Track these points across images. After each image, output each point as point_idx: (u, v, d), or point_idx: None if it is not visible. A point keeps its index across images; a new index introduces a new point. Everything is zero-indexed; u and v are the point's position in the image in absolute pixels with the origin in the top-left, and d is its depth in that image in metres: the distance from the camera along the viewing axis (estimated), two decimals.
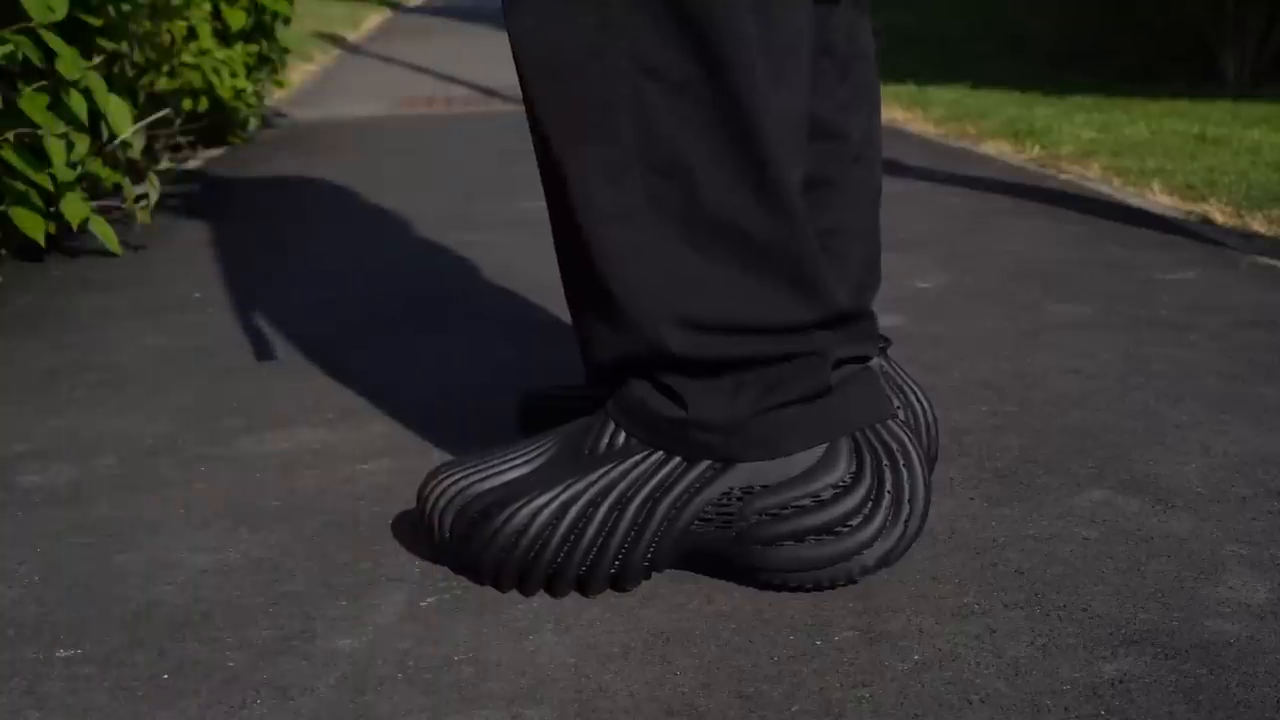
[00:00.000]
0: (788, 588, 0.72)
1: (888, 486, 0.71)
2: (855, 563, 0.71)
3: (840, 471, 0.71)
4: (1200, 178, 2.07)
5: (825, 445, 0.71)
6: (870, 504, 0.71)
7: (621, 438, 0.73)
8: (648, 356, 0.71)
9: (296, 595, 0.73)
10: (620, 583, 0.72)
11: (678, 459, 0.72)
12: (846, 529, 0.70)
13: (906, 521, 0.71)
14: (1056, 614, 0.69)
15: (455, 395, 1.08)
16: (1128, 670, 0.63)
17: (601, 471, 0.72)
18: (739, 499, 0.71)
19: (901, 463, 0.72)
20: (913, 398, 0.84)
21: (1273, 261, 1.52)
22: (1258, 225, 1.73)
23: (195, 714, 0.61)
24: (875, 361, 0.81)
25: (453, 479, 0.74)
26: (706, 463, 0.71)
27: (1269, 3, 3.47)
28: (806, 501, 0.70)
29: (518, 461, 0.74)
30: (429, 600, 0.72)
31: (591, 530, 0.71)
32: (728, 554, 0.72)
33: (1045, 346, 1.18)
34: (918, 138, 2.82)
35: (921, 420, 0.84)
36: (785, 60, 0.68)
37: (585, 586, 0.72)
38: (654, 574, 0.74)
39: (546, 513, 0.71)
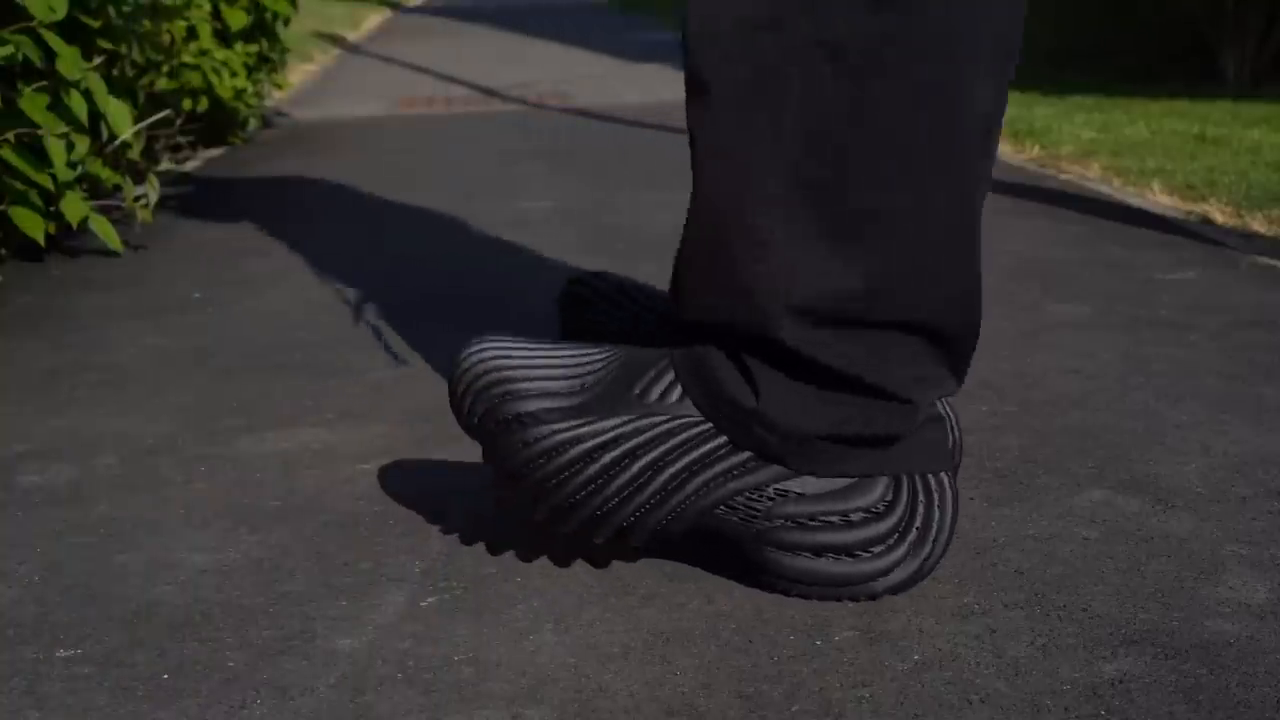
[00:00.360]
0: (788, 593, 0.71)
1: (917, 523, 0.71)
2: (864, 588, 0.70)
3: (875, 497, 0.70)
4: (1200, 178, 2.07)
5: None
6: (896, 536, 0.70)
7: (676, 393, 0.71)
8: (747, 335, 0.69)
9: (296, 595, 0.73)
10: (627, 536, 0.71)
11: (724, 438, 0.70)
12: (867, 554, 0.70)
13: (925, 559, 0.71)
14: (1056, 614, 0.69)
15: None
16: (1128, 670, 0.63)
17: (650, 422, 0.70)
18: (770, 499, 0.70)
19: (936, 502, 0.71)
20: (941, 407, 0.83)
21: (1273, 261, 1.52)
22: (1258, 225, 1.73)
23: (195, 714, 0.61)
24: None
25: (496, 359, 0.71)
26: (750, 452, 0.70)
27: (1269, 2, 3.47)
28: (835, 519, 0.70)
29: (570, 367, 0.72)
30: (429, 600, 0.72)
31: (621, 480, 0.69)
32: (741, 546, 0.71)
33: (1045, 346, 1.18)
34: None
35: (948, 428, 0.83)
36: (998, 47, 0.65)
37: (593, 528, 0.71)
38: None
39: (583, 447, 0.69)
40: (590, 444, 0.69)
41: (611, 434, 0.69)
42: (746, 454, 0.70)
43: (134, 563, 0.78)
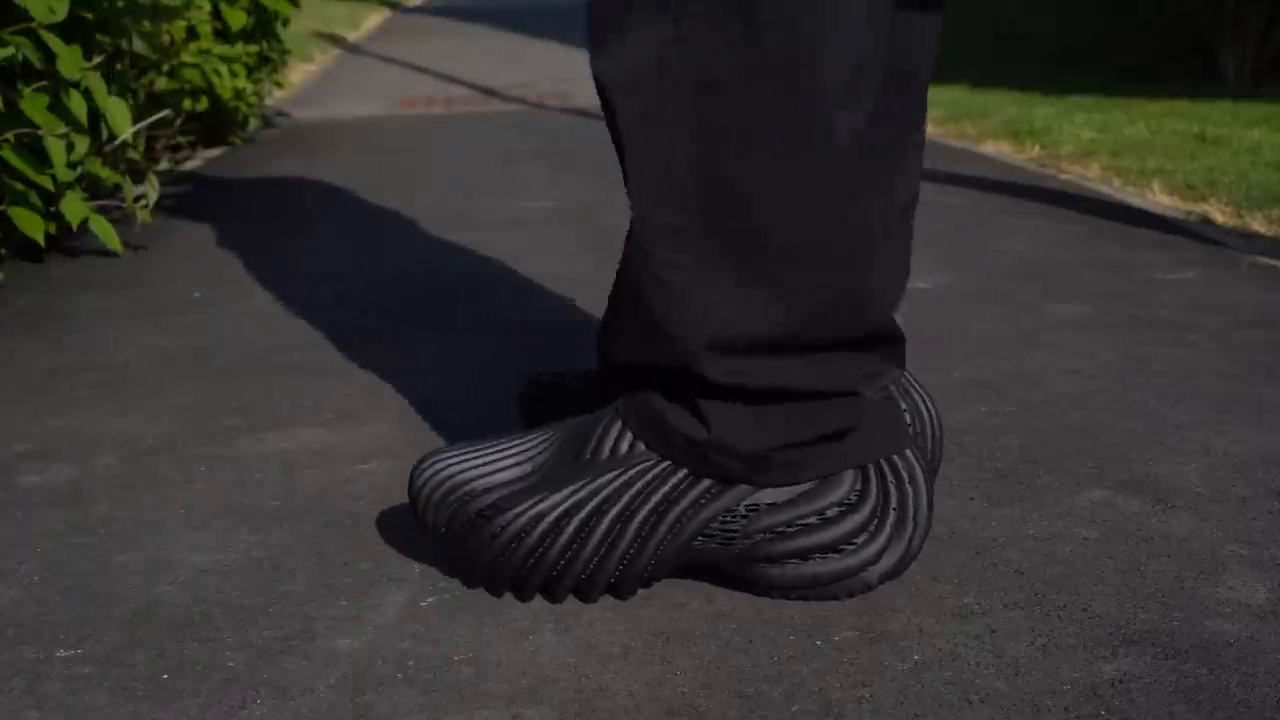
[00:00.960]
0: (788, 599, 0.71)
1: (893, 504, 0.71)
2: (858, 580, 0.70)
3: (845, 489, 0.71)
4: (1200, 178, 2.07)
5: None
6: (875, 521, 0.71)
7: (627, 441, 0.72)
8: (678, 375, 0.70)
9: (296, 595, 0.73)
10: (617, 592, 0.72)
11: (684, 471, 0.71)
12: (851, 546, 0.70)
13: (910, 540, 0.71)
14: (1056, 614, 0.69)
15: (455, 395, 1.08)
16: (1128, 670, 0.63)
17: (607, 479, 0.71)
18: (743, 516, 0.70)
19: (907, 480, 0.72)
20: (919, 401, 0.84)
21: (1273, 261, 1.52)
22: (1258, 225, 1.73)
23: (195, 714, 0.61)
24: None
25: (447, 469, 0.73)
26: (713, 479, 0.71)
27: (1269, 2, 3.47)
28: (812, 519, 0.70)
29: (515, 456, 0.73)
30: (429, 600, 0.72)
31: (594, 540, 0.70)
32: (729, 569, 0.72)
33: (1045, 346, 1.18)
34: None
35: (928, 425, 0.84)
36: (859, 75, 0.66)
37: (582, 594, 0.72)
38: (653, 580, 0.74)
39: (548, 520, 0.70)
40: (554, 515, 0.70)
41: (571, 500, 0.70)
42: (708, 481, 0.71)
43: (134, 563, 0.78)
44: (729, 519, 0.70)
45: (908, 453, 0.73)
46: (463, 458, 0.74)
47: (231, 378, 1.14)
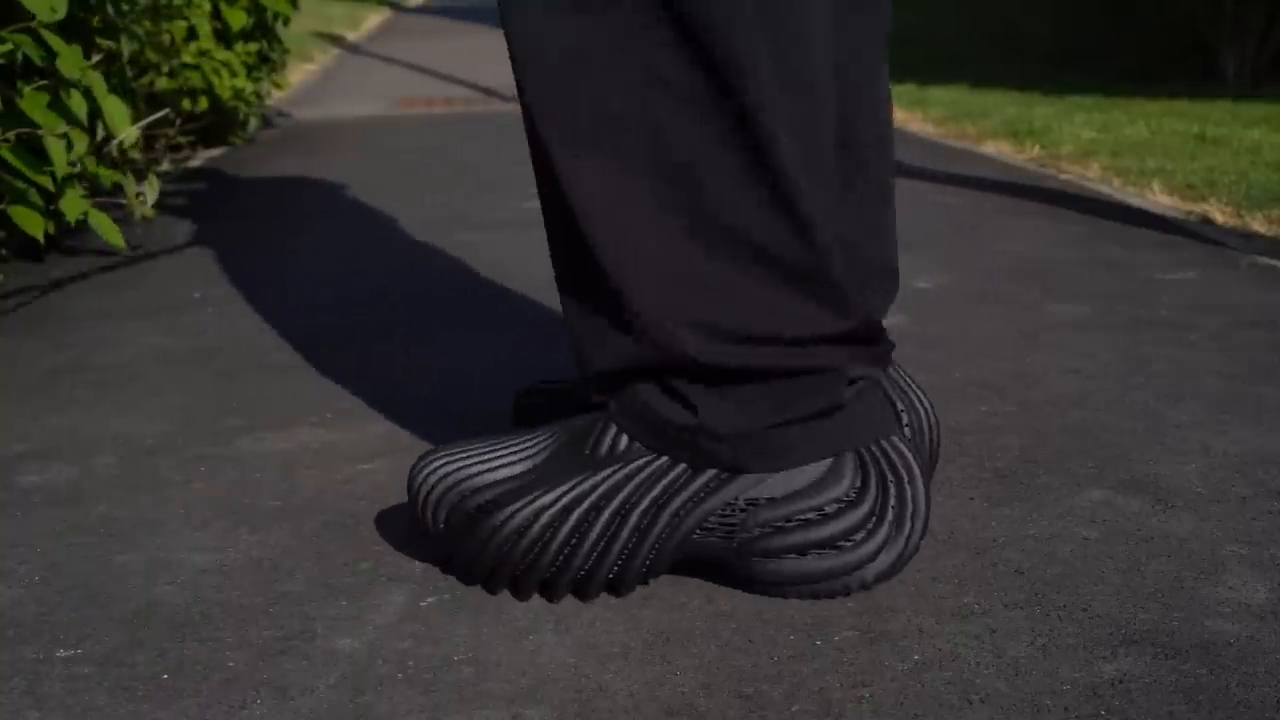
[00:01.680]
0: (785, 596, 0.72)
1: (891, 502, 0.71)
2: (856, 577, 0.70)
3: (845, 486, 0.71)
4: (1200, 178, 2.07)
5: (831, 459, 0.71)
6: (874, 519, 0.71)
7: (624, 441, 0.72)
8: (659, 362, 0.70)
9: (296, 595, 0.73)
10: (616, 588, 0.72)
11: (682, 465, 0.71)
12: (849, 543, 0.70)
13: (908, 538, 0.71)
14: (1056, 614, 0.69)
15: (455, 395, 1.08)
16: (1128, 670, 0.63)
17: (605, 475, 0.71)
18: (742, 510, 0.70)
19: (906, 479, 0.72)
20: (915, 400, 0.84)
21: (1273, 261, 1.52)
22: (1258, 225, 1.73)
23: (195, 714, 0.61)
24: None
25: (446, 467, 0.73)
26: (712, 471, 0.71)
27: (1269, 2, 3.47)
28: (810, 515, 0.70)
29: (515, 454, 0.74)
30: (429, 600, 0.72)
31: (593, 536, 0.70)
32: (727, 563, 0.72)
33: (1045, 346, 1.18)
34: (917, 138, 2.82)
35: (924, 423, 0.84)
36: (798, 71, 0.67)
37: (580, 591, 0.72)
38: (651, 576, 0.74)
39: (548, 515, 0.70)
40: (553, 511, 0.70)
41: (570, 496, 0.70)
42: (708, 474, 0.71)
43: (134, 563, 0.78)
44: (728, 513, 0.70)
45: (906, 452, 0.73)
46: (462, 456, 0.74)
47: (231, 378, 1.14)
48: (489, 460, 0.73)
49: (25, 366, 1.19)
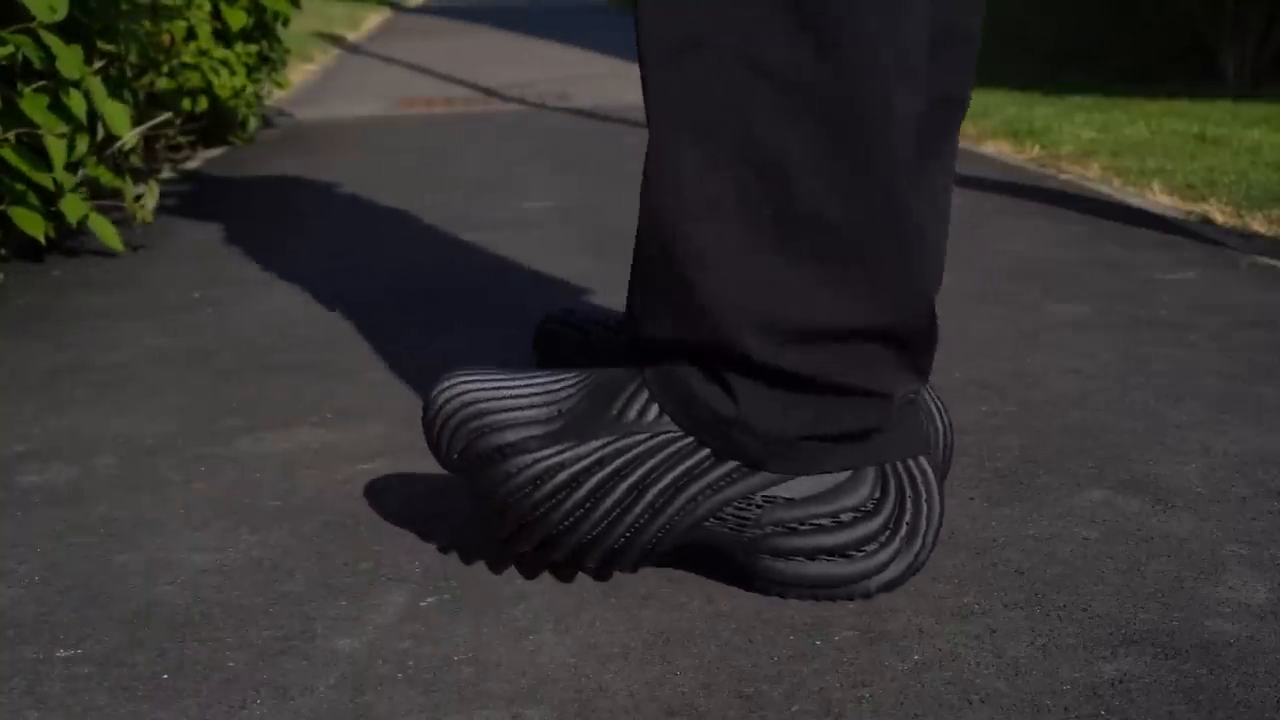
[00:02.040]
0: (784, 597, 0.71)
1: (906, 518, 0.71)
2: (859, 587, 0.70)
3: (864, 495, 0.70)
4: (1200, 178, 2.07)
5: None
6: (888, 533, 0.70)
7: (654, 411, 0.71)
8: (713, 350, 0.69)
9: (296, 595, 0.73)
10: (618, 560, 0.71)
11: (707, 450, 0.70)
12: (860, 553, 0.70)
13: (917, 554, 0.71)
14: (1056, 614, 0.69)
15: None
16: (1128, 670, 0.63)
17: (630, 441, 0.70)
18: (759, 506, 0.70)
19: (924, 496, 0.71)
20: (932, 407, 0.84)
21: (1273, 261, 1.52)
22: (1258, 225, 1.73)
23: (195, 714, 0.61)
24: None
25: (470, 392, 0.71)
26: (734, 462, 0.70)
27: (1269, 2, 3.47)
28: (826, 521, 0.70)
29: (542, 394, 0.72)
30: (429, 600, 0.72)
31: (607, 504, 0.69)
32: (733, 556, 0.72)
33: (1045, 346, 1.18)
34: None
35: (941, 432, 0.83)
36: (910, 57, 0.66)
37: (581, 555, 0.71)
38: (652, 571, 0.74)
39: (566, 474, 0.69)
40: (574, 469, 0.69)
41: (595, 457, 0.69)
42: (731, 464, 0.70)
43: (134, 563, 0.78)
44: (744, 506, 0.70)
45: (927, 468, 0.72)
46: (488, 383, 0.72)
47: (231, 378, 1.14)
48: (514, 395, 0.71)
49: (25, 366, 1.19)
